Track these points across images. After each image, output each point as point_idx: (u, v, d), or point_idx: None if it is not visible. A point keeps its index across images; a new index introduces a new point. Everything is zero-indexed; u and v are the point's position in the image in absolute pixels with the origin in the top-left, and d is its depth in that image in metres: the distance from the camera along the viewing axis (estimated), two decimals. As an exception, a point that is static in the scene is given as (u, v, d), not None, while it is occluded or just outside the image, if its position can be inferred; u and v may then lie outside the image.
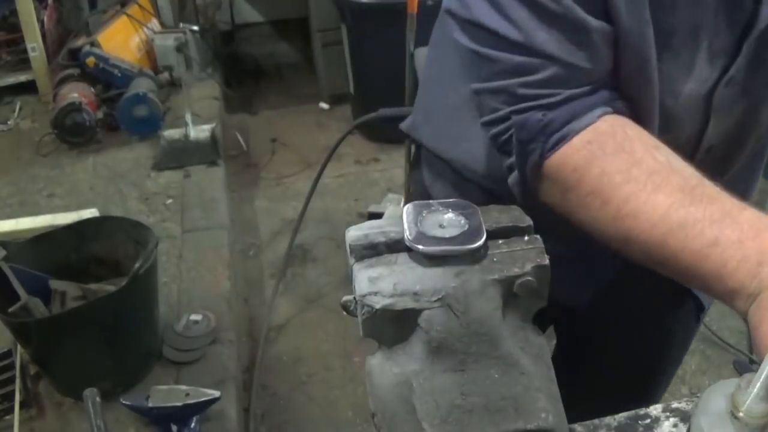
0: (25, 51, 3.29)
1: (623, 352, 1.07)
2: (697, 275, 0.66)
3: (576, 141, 0.70)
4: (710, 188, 0.67)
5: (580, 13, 0.67)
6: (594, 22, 0.68)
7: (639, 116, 0.73)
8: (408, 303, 0.52)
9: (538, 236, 0.57)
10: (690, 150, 0.80)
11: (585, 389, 0.93)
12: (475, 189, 0.90)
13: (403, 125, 1.03)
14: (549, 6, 0.67)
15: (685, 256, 0.65)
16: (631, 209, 0.67)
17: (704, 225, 0.64)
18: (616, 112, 0.71)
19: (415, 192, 1.06)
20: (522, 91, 0.70)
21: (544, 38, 0.68)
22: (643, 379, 1.11)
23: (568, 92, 0.70)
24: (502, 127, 0.74)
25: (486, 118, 0.75)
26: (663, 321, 1.05)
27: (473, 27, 0.71)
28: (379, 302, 0.52)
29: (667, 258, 0.67)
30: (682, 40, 0.71)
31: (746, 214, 0.64)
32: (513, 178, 0.76)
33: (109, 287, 1.69)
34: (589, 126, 0.70)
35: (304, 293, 2.50)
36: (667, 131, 0.76)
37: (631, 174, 0.67)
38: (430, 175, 1.00)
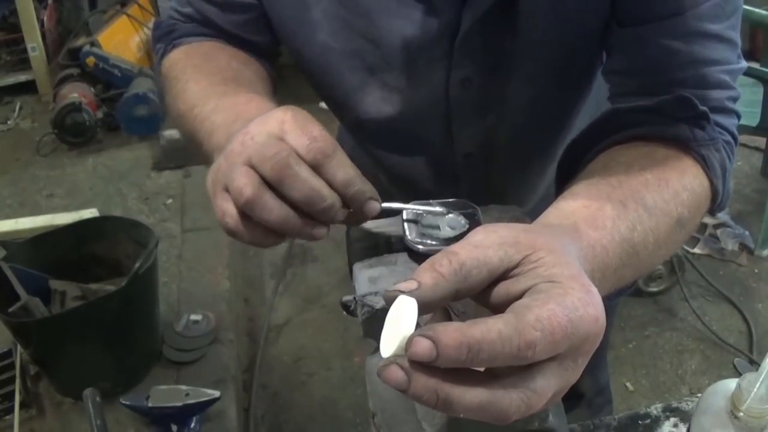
0: (25, 51, 3.29)
1: None
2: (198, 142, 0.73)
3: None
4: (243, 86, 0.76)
5: None
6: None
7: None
8: (408, 303, 0.51)
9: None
10: (445, 154, 0.86)
11: None
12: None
13: None
14: None
15: (196, 122, 0.73)
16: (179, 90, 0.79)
17: (217, 98, 0.72)
18: None
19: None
20: None
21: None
22: None
23: None
24: None
25: None
26: None
27: None
28: (379, 302, 0.52)
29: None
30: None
31: (250, 94, 0.72)
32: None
33: (109, 287, 1.68)
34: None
35: (304, 293, 2.50)
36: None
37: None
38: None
